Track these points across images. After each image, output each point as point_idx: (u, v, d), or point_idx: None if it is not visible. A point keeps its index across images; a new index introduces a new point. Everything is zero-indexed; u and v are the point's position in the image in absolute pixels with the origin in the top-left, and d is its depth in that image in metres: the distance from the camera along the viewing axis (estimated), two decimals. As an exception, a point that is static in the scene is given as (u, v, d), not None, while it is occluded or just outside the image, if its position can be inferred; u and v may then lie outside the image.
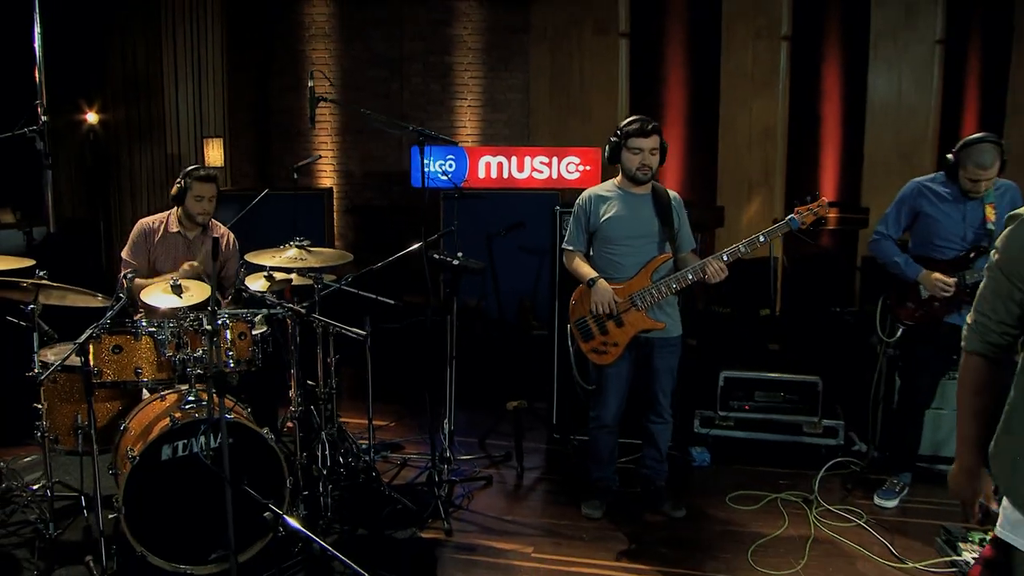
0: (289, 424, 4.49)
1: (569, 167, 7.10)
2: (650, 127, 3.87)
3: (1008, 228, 2.02)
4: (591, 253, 4.09)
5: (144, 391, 3.92)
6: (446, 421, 4.51)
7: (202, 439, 3.52)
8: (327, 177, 7.60)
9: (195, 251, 4.39)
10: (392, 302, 4.21)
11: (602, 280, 3.93)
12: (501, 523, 4.14)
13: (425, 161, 6.88)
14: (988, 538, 3.61)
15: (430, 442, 4.32)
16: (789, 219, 3.78)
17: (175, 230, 4.36)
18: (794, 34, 7.47)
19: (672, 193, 4.06)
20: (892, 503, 4.29)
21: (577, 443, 4.98)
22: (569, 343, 4.11)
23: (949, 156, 4.02)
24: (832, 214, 7.62)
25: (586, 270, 4.00)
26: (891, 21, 7.50)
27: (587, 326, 4.02)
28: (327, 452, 4.08)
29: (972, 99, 7.62)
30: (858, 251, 7.49)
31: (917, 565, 3.70)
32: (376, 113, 4.33)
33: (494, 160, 7.02)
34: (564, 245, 4.13)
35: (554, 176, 7.10)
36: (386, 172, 7.57)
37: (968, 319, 2.12)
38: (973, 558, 3.57)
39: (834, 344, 6.37)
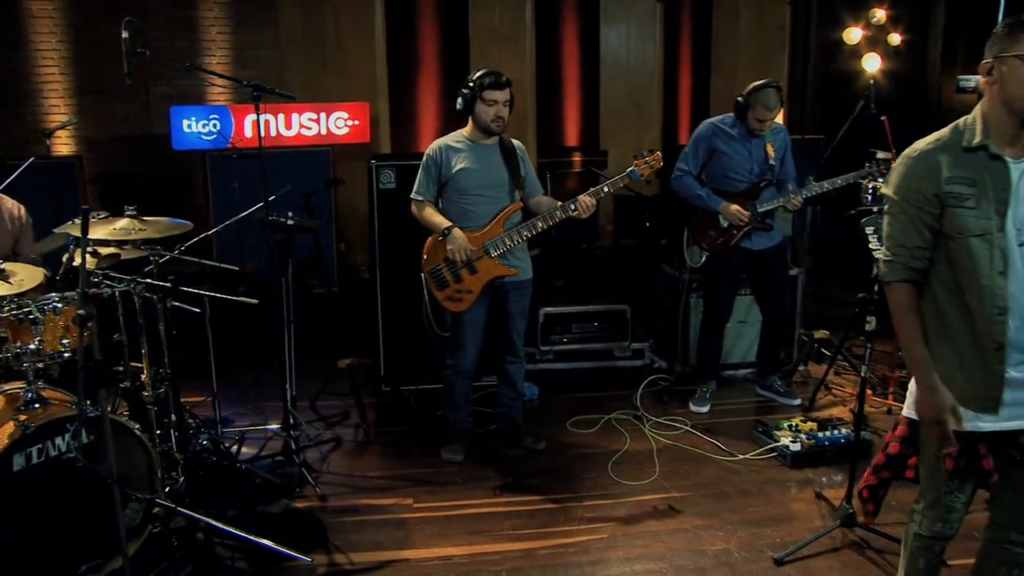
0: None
1: (338, 122, 6.96)
2: (504, 80, 3.98)
3: (899, 166, 2.37)
4: (440, 204, 4.16)
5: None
6: (287, 387, 4.36)
7: (59, 441, 3.14)
8: (64, 144, 6.75)
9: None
10: (235, 268, 3.97)
11: (457, 229, 4.02)
12: (370, 480, 4.14)
13: (187, 121, 6.50)
14: (802, 429, 4.28)
15: (284, 410, 4.18)
16: (630, 171, 4.03)
17: None
18: (538, -9, 7.89)
19: (516, 142, 4.22)
20: (705, 408, 4.88)
21: (410, 393, 5.04)
22: (424, 292, 4.16)
23: (739, 99, 4.56)
24: (576, 158, 8.26)
25: (439, 219, 4.06)
26: (617, -19, 8.18)
27: (441, 275, 4.09)
28: (179, 435, 3.81)
29: (686, 53, 8.58)
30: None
31: (747, 456, 4.29)
32: (188, 64, 3.98)
33: (260, 118, 6.66)
34: (413, 195, 4.15)
35: (323, 132, 6.93)
36: (135, 136, 6.89)
37: (883, 255, 2.41)
38: (791, 441, 4.22)
39: (605, 275, 6.98)
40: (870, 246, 3.29)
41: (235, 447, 4.25)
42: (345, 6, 7.44)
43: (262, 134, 3.94)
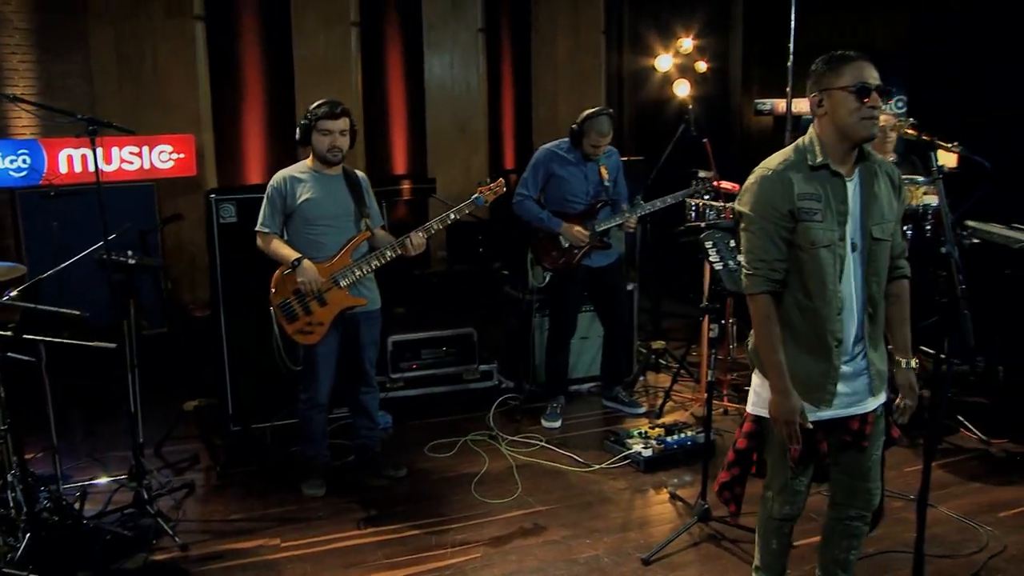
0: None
1: (162, 156, 6.64)
2: (339, 110, 4.01)
3: (753, 184, 2.59)
4: (286, 235, 4.11)
5: None
6: (135, 434, 4.13)
7: None
8: None
9: None
10: (77, 313, 3.73)
11: (306, 260, 3.99)
12: (232, 524, 3.99)
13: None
14: (652, 434, 4.53)
15: (133, 458, 3.96)
16: (475, 198, 4.13)
17: None
18: (362, 21, 7.88)
19: (360, 173, 4.25)
20: (557, 423, 5.06)
21: (263, 430, 4.90)
22: (274, 326, 4.09)
23: (574, 126, 4.81)
24: (406, 185, 8.32)
25: (287, 252, 4.03)
26: (440, 11, 8.31)
27: (291, 308, 4.05)
28: (19, 497, 3.53)
29: (508, 79, 8.84)
30: (428, 218, 8.25)
31: (603, 465, 4.49)
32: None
33: (77, 152, 6.28)
34: (259, 228, 4.08)
35: (146, 167, 6.59)
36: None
37: (745, 269, 2.60)
38: (642, 447, 4.47)
39: (442, 301, 7.07)
40: (710, 259, 3.57)
41: (77, 503, 3.98)
42: (163, 33, 7.12)
43: (96, 168, 3.80)
